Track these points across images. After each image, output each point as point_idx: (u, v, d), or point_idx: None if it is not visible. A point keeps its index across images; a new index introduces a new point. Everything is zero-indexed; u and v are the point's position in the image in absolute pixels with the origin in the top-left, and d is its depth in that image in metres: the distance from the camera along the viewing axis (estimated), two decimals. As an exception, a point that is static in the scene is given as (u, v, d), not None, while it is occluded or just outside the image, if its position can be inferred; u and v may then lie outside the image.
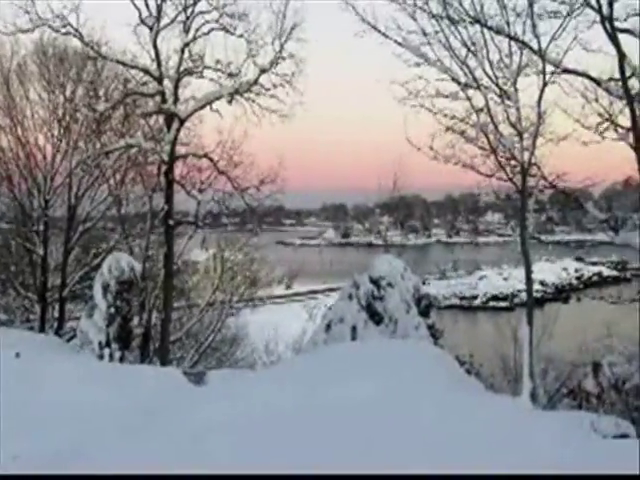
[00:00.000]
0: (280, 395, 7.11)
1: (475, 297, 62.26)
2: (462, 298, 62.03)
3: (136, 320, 16.39)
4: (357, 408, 6.72)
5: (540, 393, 13.54)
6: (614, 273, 69.93)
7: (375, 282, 14.23)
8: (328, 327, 14.02)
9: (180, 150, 17.54)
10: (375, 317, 13.96)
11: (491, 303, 60.41)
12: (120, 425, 6.40)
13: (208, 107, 16.65)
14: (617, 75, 12.05)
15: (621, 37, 11.97)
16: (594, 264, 73.90)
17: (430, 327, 15.09)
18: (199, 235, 23.62)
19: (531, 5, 12.15)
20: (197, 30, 16.29)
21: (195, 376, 12.45)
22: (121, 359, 15.29)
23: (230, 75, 16.22)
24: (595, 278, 69.32)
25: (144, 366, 14.65)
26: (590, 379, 13.73)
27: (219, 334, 23.66)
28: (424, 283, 17.52)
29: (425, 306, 15.43)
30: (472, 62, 12.85)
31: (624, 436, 8.68)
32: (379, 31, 13.02)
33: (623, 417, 11.60)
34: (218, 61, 16.23)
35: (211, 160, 17.50)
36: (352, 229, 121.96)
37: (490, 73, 12.84)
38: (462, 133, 13.51)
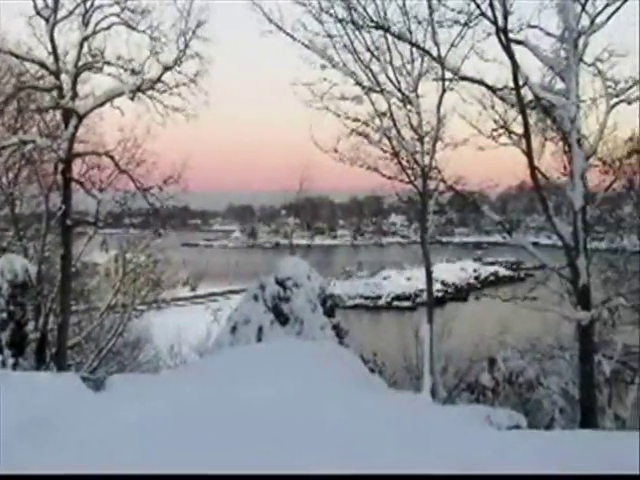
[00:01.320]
0: (186, 396, 6.97)
1: (379, 297, 63.65)
2: (367, 298, 63.24)
3: (31, 325, 15.64)
4: (264, 408, 6.68)
5: (440, 388, 14.02)
6: (509, 273, 73.33)
7: (281, 283, 14.23)
8: (234, 329, 13.88)
9: (78, 148, 16.88)
10: (281, 318, 13.96)
11: (395, 303, 61.96)
12: (15, 437, 6.06)
13: (109, 104, 16.14)
14: (511, 84, 12.61)
15: (515, 48, 12.59)
16: (491, 264, 77.28)
17: (335, 327, 15.26)
18: (99, 236, 22.82)
19: (431, 13, 12.55)
20: (97, 24, 15.73)
21: (95, 381, 12.02)
22: (14, 366, 14.53)
23: (132, 72, 15.78)
24: (492, 278, 72.45)
25: (40, 373, 13.98)
26: (486, 374, 14.35)
27: (121, 338, 22.91)
28: (330, 284, 17.73)
29: (330, 306, 15.59)
30: (375, 67, 13.15)
31: (517, 427, 9.12)
32: (285, 32, 13.08)
33: (516, 409, 12.21)
34: (119, 57, 15.76)
35: (112, 158, 16.95)
36: (258, 230, 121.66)
37: (393, 78, 13.18)
38: (366, 136, 13.79)
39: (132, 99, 15.84)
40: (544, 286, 15.73)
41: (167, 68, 15.68)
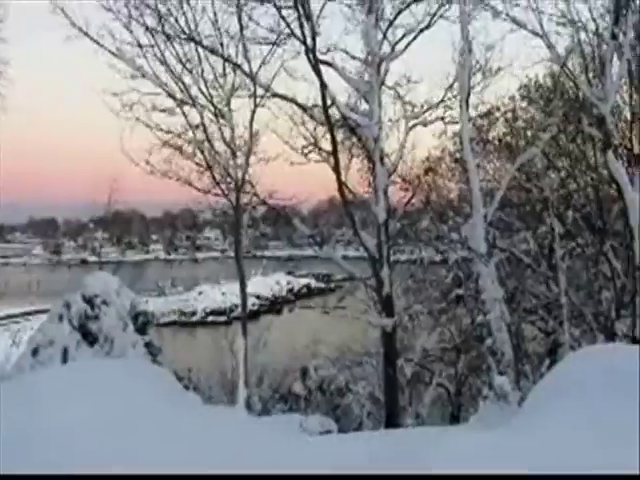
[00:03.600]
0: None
1: (194, 313, 62.57)
2: (181, 314, 61.86)
3: None
4: (72, 431, 6.27)
5: (255, 400, 14.12)
6: (321, 285, 75.90)
7: (89, 301, 13.46)
8: (35, 351, 12.87)
9: None
10: (89, 338, 13.20)
11: (210, 318, 61.26)
12: None
13: None
14: (320, 103, 13.15)
15: (324, 69, 13.16)
16: (304, 277, 79.46)
17: (148, 344, 14.78)
18: None
19: (242, 30, 12.72)
20: None
21: None
22: None
23: None
24: (305, 290, 74.41)
25: None
26: (299, 383, 14.72)
27: None
28: (142, 300, 17.10)
29: (142, 323, 15.06)
30: (188, 79, 13.01)
31: (328, 432, 9.48)
32: (91, 38, 12.49)
33: (328, 415, 12.67)
34: None
35: None
36: (63, 246, 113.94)
37: (205, 91, 13.12)
38: (179, 149, 13.57)
39: None
40: (352, 296, 16.57)
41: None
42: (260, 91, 13.33)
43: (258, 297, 63.60)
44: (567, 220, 15.07)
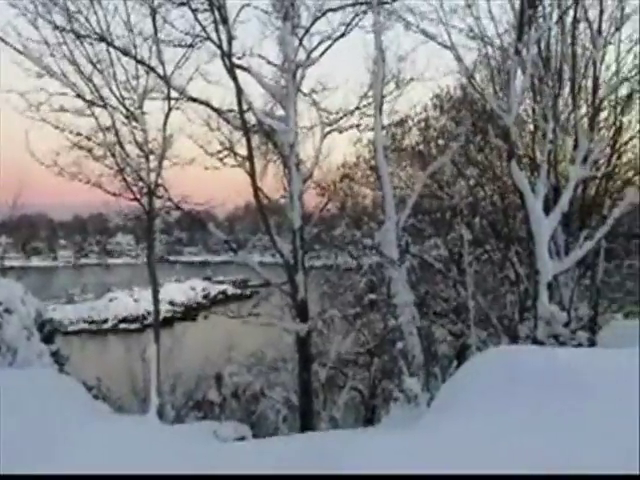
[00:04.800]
0: None
1: (105, 320, 60.70)
2: (92, 322, 59.89)
3: None
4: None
5: (168, 408, 13.85)
6: (237, 291, 75.38)
7: (-10, 309, 12.83)
8: None
9: None
10: (-11, 347, 12.58)
11: (122, 325, 59.59)
12: None
13: None
14: (236, 107, 13.09)
15: (240, 73, 13.11)
16: (220, 283, 78.64)
17: (54, 354, 14.25)
18: None
19: (156, 32, 12.49)
20: None
21: None
22: None
23: None
24: (221, 296, 73.66)
25: None
26: (214, 390, 14.55)
27: None
28: (49, 308, 16.46)
29: (49, 332, 14.52)
30: (98, 80, 12.63)
31: (242, 438, 9.44)
32: (-8, 33, 11.91)
33: (243, 422, 12.60)
34: None
35: None
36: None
37: (117, 93, 12.78)
38: (89, 151, 13.16)
39: None
40: (267, 302, 16.56)
41: None
42: (174, 94, 13.13)
43: (172, 303, 62.50)
44: (475, 227, 15.67)
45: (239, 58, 13.24)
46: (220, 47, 12.47)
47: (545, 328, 10.67)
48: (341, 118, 15.18)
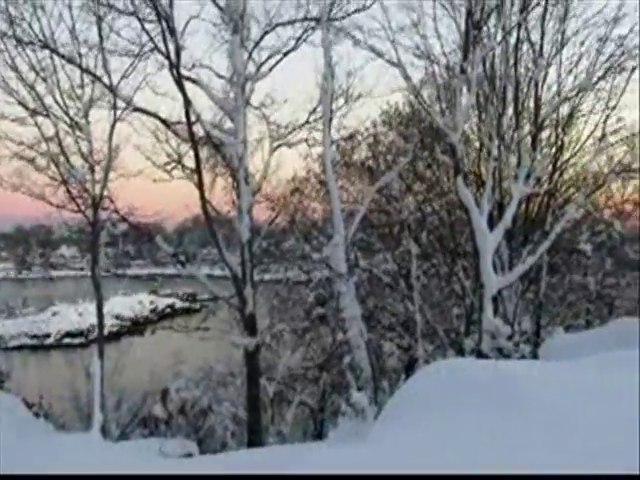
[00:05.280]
0: None
1: (48, 335, 58.91)
2: (34, 337, 58.03)
3: None
4: None
5: (113, 425, 13.52)
6: (186, 304, 74.31)
7: None
8: None
9: None
10: None
11: (66, 340, 57.91)
12: None
13: None
14: (184, 119, 12.96)
15: (188, 85, 13.01)
16: (168, 296, 77.37)
17: (-7, 370, 13.76)
18: None
19: (102, 41, 12.29)
20: None
21: None
22: None
23: None
24: (169, 310, 72.47)
25: None
26: (159, 406, 14.26)
27: None
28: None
29: (-13, 347, 14.06)
30: (41, 88, 12.35)
31: (189, 455, 9.29)
32: None
33: (190, 438, 12.40)
34: None
35: None
36: None
37: (61, 102, 12.52)
38: (31, 161, 12.84)
39: None
40: (216, 316, 16.38)
41: None
42: (121, 104, 12.93)
43: (119, 317, 61.18)
44: (423, 241, 15.90)
45: (188, 70, 13.18)
46: (168, 58, 12.34)
47: (490, 341, 10.88)
48: (290, 132, 15.22)
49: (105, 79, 12.57)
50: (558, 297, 17.43)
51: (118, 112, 12.90)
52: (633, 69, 12.69)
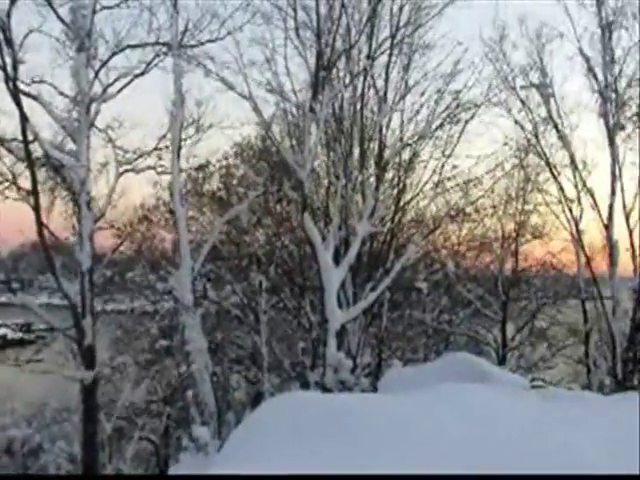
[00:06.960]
0: None
1: None
2: None
3: None
4: None
5: None
6: (19, 335, 69.15)
7: None
8: None
9: None
10: None
11: None
12: None
13: None
14: (20, 137, 12.20)
15: (27, 101, 12.29)
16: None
17: None
18: None
19: None
20: None
21: None
22: None
23: None
24: (0, 341, 67.12)
25: None
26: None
27: None
28: None
29: None
30: None
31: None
32: None
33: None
34: None
35: None
36: None
37: None
38: None
39: None
40: (50, 347, 15.36)
41: None
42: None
43: (-60, 350, 55.47)
44: (271, 275, 16.02)
45: (27, 84, 12.49)
46: (4, 70, 11.65)
47: (333, 375, 11.12)
48: (137, 158, 14.79)
49: None
50: (398, 332, 18.19)
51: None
52: (466, 122, 13.85)
